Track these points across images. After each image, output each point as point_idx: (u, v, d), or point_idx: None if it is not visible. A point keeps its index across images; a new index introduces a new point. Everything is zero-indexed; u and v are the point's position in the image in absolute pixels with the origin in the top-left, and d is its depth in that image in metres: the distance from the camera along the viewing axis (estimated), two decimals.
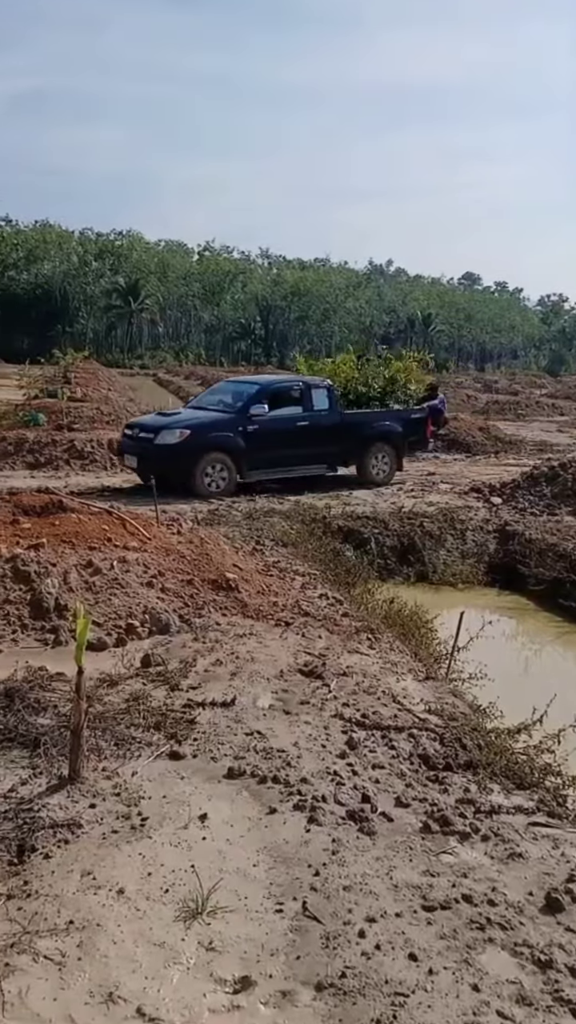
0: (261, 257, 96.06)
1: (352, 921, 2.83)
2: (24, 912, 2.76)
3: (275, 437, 12.58)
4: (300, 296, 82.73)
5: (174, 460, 11.70)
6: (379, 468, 13.87)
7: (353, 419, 13.83)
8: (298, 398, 13.18)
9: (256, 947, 2.68)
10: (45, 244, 75.27)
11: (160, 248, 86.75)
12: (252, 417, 12.48)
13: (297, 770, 3.89)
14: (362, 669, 5.33)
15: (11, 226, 76.26)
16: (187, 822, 3.40)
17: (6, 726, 4.16)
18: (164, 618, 5.99)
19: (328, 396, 13.39)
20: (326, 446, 13.21)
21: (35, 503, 7.41)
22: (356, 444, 13.53)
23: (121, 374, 40.98)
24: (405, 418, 14.46)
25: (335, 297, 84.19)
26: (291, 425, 12.87)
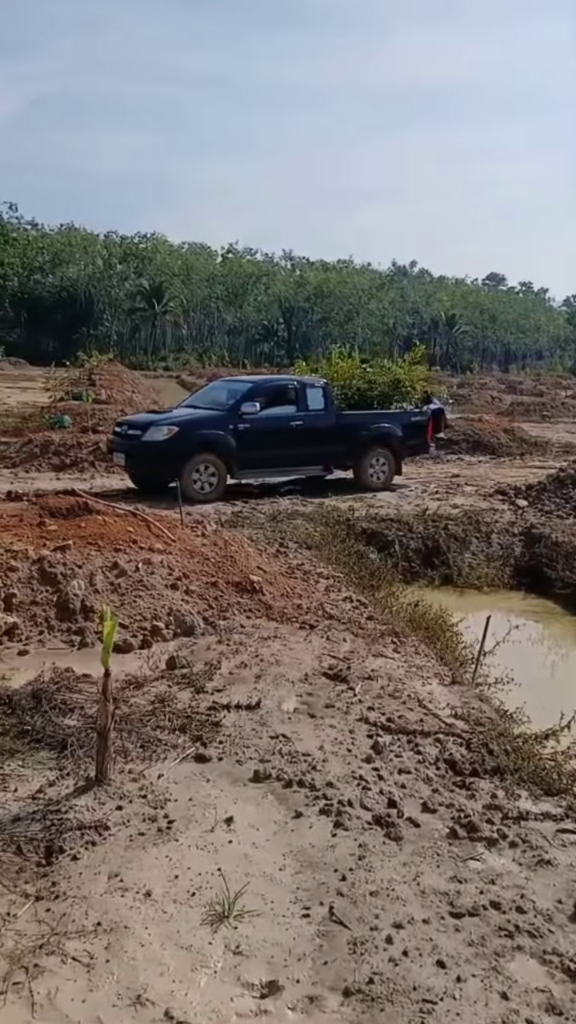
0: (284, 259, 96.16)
1: (379, 927, 2.82)
2: (52, 913, 2.78)
3: (267, 437, 12.18)
4: (323, 297, 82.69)
5: (162, 458, 11.36)
6: (376, 472, 13.41)
7: (349, 420, 13.40)
8: (292, 398, 12.84)
9: (283, 951, 2.68)
10: (70, 247, 75.89)
11: (184, 251, 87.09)
12: (243, 415, 12.09)
13: (323, 774, 3.89)
14: (387, 673, 5.31)
15: (37, 229, 76.94)
16: (213, 825, 3.41)
17: (34, 727, 4.18)
18: (189, 620, 6.01)
19: (324, 396, 13.03)
20: (321, 447, 12.87)
21: (61, 505, 7.45)
22: (352, 446, 13.13)
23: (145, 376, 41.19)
24: (405, 421, 13.97)
25: (358, 298, 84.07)
26: (284, 425, 12.49)
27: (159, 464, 11.39)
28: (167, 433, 11.56)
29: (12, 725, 4.20)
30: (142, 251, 79.83)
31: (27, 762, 3.85)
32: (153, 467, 11.42)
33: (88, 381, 25.18)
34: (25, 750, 3.96)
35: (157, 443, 11.45)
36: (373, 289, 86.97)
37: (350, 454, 13.20)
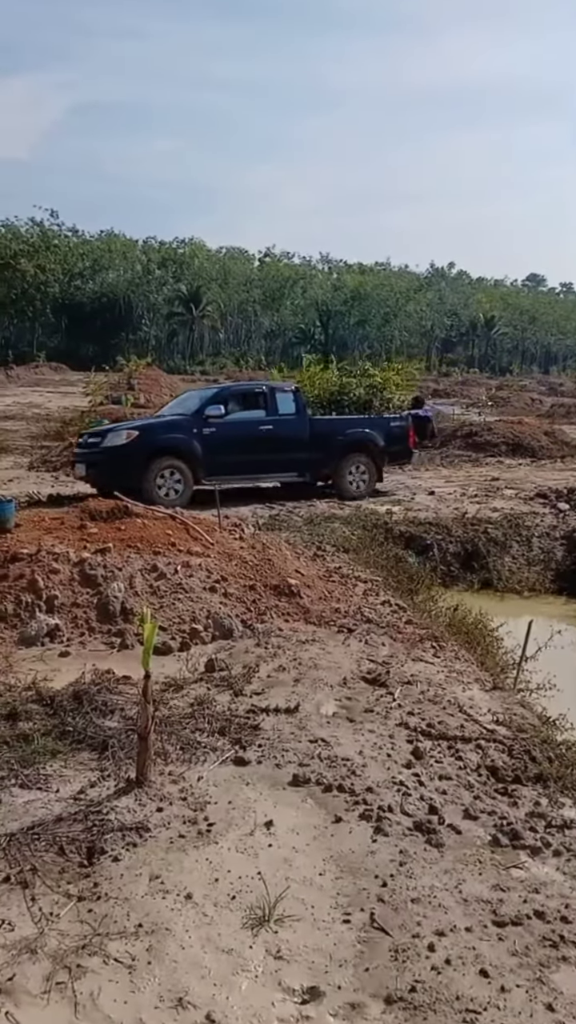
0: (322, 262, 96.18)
1: (421, 934, 2.79)
2: (94, 914, 2.79)
3: (235, 442, 11.85)
4: (360, 300, 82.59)
5: (123, 464, 10.95)
6: (356, 480, 12.89)
7: (323, 425, 13.05)
8: (261, 402, 12.53)
9: (324, 957, 2.67)
10: (110, 253, 76.83)
11: (221, 255, 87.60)
12: (208, 419, 11.79)
13: (362, 779, 3.86)
14: (427, 678, 5.27)
15: (77, 236, 77.94)
16: (253, 829, 3.40)
17: (75, 728, 4.22)
18: (227, 623, 6.03)
19: (295, 400, 12.66)
20: (293, 453, 12.37)
21: (102, 508, 7.53)
22: (328, 452, 12.61)
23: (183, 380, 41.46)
24: (384, 426, 13.44)
25: (395, 301, 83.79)
26: (253, 429, 12.13)
27: (120, 469, 10.88)
28: (127, 437, 11.28)
29: (54, 726, 4.25)
30: (180, 256, 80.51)
31: (69, 763, 3.89)
32: (114, 473, 10.80)
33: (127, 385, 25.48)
34: (67, 751, 4.00)
35: (116, 448, 11.14)
36: (411, 291, 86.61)
37: (326, 461, 12.69)
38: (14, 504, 7.29)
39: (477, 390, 41.96)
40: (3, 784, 3.64)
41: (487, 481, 14.56)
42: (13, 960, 2.56)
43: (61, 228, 74.96)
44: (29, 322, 71.74)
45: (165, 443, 11.47)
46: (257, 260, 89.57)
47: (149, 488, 10.86)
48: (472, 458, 17.57)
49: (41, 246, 69.24)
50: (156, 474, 11.15)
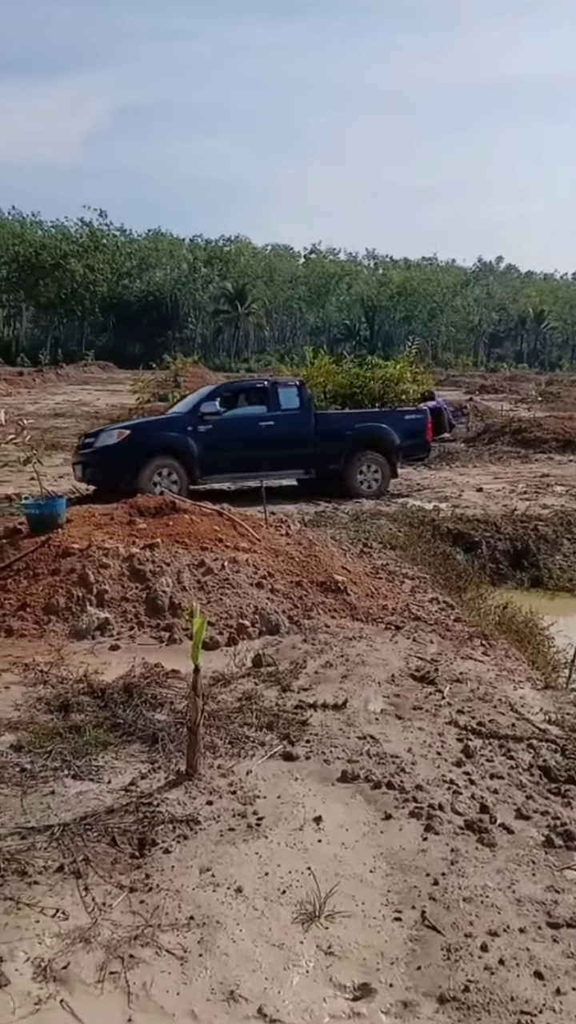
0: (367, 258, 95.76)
1: (474, 934, 2.76)
2: (146, 905, 2.81)
3: (233, 439, 11.45)
4: (406, 296, 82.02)
5: (116, 463, 10.69)
6: (367, 478, 12.30)
7: (331, 421, 12.44)
8: (262, 397, 12.12)
9: (375, 954, 2.65)
10: (157, 252, 77.54)
11: (267, 252, 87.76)
12: (204, 416, 11.41)
13: (412, 776, 3.83)
14: (476, 676, 5.21)
15: (125, 235, 78.78)
16: (302, 824, 3.40)
17: (126, 721, 4.27)
18: (274, 619, 6.03)
19: (299, 395, 12.16)
20: (297, 449, 11.82)
21: (150, 504, 7.60)
22: (335, 449, 12.03)
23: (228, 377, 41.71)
24: (397, 419, 12.80)
25: (442, 296, 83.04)
26: (253, 425, 11.72)
27: (113, 469, 10.68)
28: (118, 437, 10.98)
29: (105, 718, 4.30)
30: (226, 254, 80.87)
31: (120, 754, 3.93)
32: (108, 473, 10.64)
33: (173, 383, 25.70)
34: (118, 743, 4.04)
35: (108, 448, 10.85)
36: (457, 286, 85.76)
37: (333, 457, 12.06)
38: (65, 500, 7.40)
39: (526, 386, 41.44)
40: (56, 774, 3.69)
41: (537, 478, 14.34)
42: (67, 949, 2.59)
43: (109, 228, 75.94)
44: (78, 321, 72.82)
45: (158, 442, 11.14)
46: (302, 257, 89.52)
47: (143, 488, 10.40)
48: (521, 454, 17.32)
49: (90, 246, 70.20)
50: (151, 473, 10.82)
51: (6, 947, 2.58)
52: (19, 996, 2.40)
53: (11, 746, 3.97)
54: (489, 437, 19.38)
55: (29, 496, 7.36)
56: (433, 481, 14.15)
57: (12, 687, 4.78)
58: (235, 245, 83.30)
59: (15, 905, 2.78)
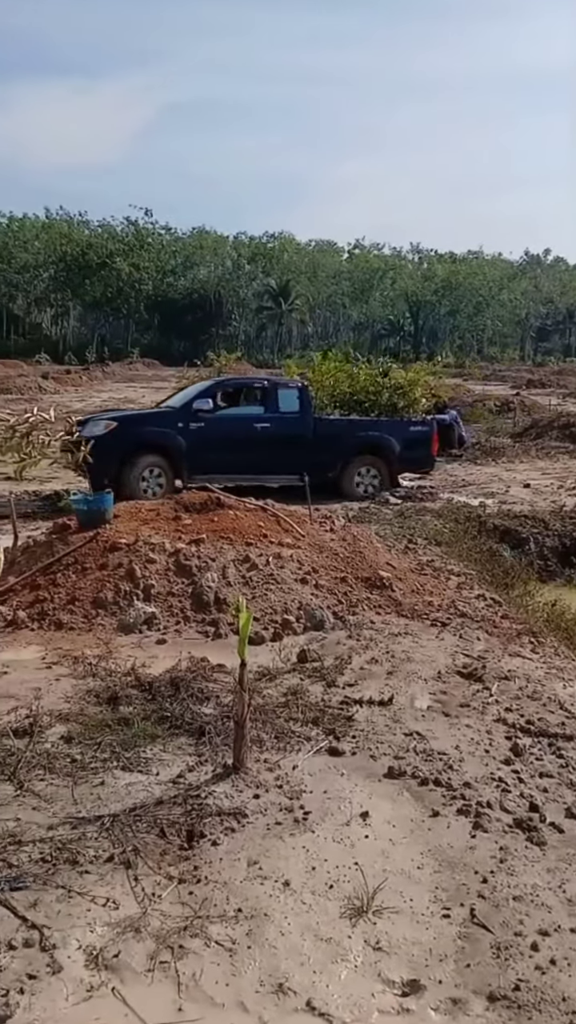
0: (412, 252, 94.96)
1: (524, 933, 2.73)
2: (195, 897, 2.84)
3: (225, 439, 11.11)
4: (452, 290, 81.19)
5: (100, 456, 9.82)
6: (365, 484, 11.96)
7: (331, 426, 12.09)
8: (260, 398, 11.83)
9: (424, 951, 2.63)
10: (201, 250, 77.96)
11: (311, 248, 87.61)
12: (197, 413, 11.10)
13: (459, 774, 3.80)
14: (525, 673, 5.14)
15: (170, 233, 79.35)
16: (349, 819, 3.39)
17: (173, 714, 4.31)
18: (319, 614, 6.03)
19: (300, 398, 11.81)
20: (294, 453, 11.35)
21: (195, 500, 7.64)
22: (333, 455, 11.71)
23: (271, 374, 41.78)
24: (401, 429, 12.45)
25: (488, 290, 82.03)
26: (247, 426, 11.38)
27: (99, 462, 9.76)
28: (105, 428, 10.49)
29: (153, 711, 4.34)
30: (269, 250, 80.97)
31: (167, 747, 3.97)
32: (95, 464, 9.75)
33: None
34: (165, 735, 4.08)
35: (96, 438, 10.08)
36: (504, 280, 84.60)
37: (331, 464, 11.69)
38: (112, 496, 7.49)
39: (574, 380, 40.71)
40: (106, 766, 3.75)
41: None
42: (118, 938, 2.63)
43: (155, 226, 76.57)
44: (124, 319, 73.63)
45: (146, 436, 10.71)
46: (346, 252, 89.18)
47: (129, 484, 10.22)
48: (569, 450, 17.05)
49: (136, 245, 70.91)
50: (139, 470, 10.56)
51: (59, 935, 2.63)
52: (72, 983, 2.45)
53: (62, 737, 4.04)
54: (536, 432, 19.11)
55: (77, 492, 7.45)
56: (479, 477, 14.02)
57: (62, 679, 4.86)
58: (279, 241, 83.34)
59: (67, 893, 2.83)
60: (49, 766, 3.73)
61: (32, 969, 2.49)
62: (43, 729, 4.09)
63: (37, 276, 69.99)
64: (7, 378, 33.28)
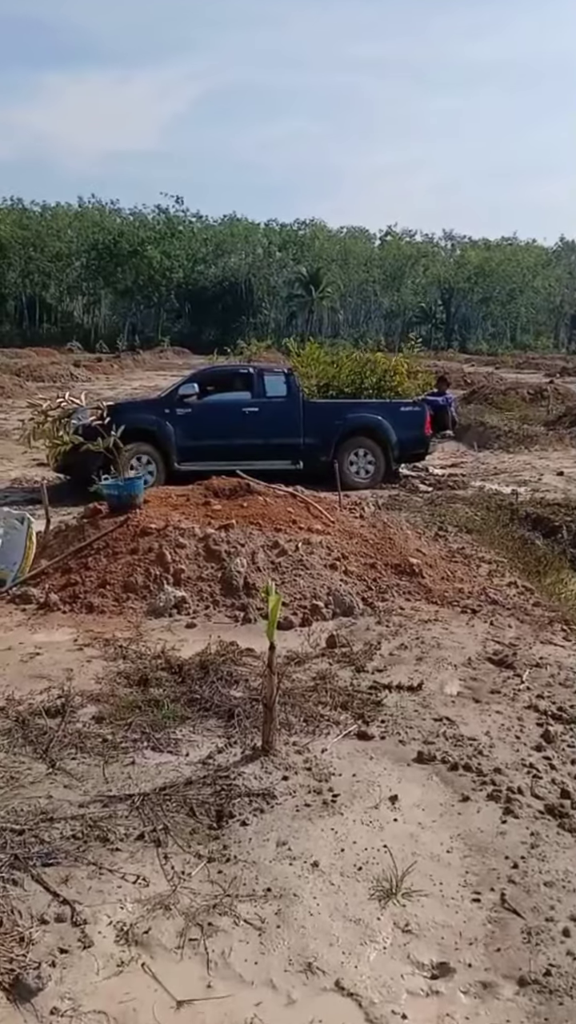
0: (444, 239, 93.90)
1: (555, 919, 2.70)
2: (224, 876, 2.85)
3: (214, 424, 11.12)
4: (485, 277, 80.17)
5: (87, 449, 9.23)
6: (360, 466, 11.83)
7: (321, 409, 11.96)
8: (247, 383, 11.73)
9: (453, 935, 2.62)
10: (232, 238, 77.76)
11: (342, 235, 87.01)
12: (183, 399, 11.10)
13: (490, 760, 3.77)
14: (557, 661, 5.09)
15: (201, 221, 79.31)
16: (377, 802, 3.39)
17: (202, 696, 4.33)
18: (348, 600, 6.01)
19: (287, 382, 11.78)
20: (284, 438, 11.40)
21: (225, 486, 7.66)
22: (325, 438, 11.53)
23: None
24: (391, 410, 12.18)
25: (522, 277, 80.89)
26: (235, 411, 11.34)
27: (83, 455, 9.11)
28: (91, 416, 9.87)
29: (183, 693, 4.37)
30: (301, 238, 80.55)
31: (197, 728, 3.99)
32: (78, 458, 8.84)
33: None
34: (195, 717, 4.10)
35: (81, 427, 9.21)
36: (538, 266, 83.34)
37: (323, 448, 11.49)
38: (143, 481, 7.53)
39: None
40: (136, 746, 3.78)
41: None
42: (148, 915, 2.65)
43: (186, 214, 76.55)
44: (154, 308, 73.76)
45: (133, 426, 9.75)
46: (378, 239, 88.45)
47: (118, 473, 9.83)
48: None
49: (167, 233, 70.93)
50: (128, 458, 10.04)
51: (90, 911, 2.65)
52: (103, 958, 2.47)
53: (93, 717, 4.08)
54: (570, 420, 18.81)
55: (108, 477, 7.50)
56: (511, 465, 13.86)
57: (93, 661, 4.90)
58: (310, 229, 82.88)
59: (98, 870, 2.85)
60: (81, 745, 3.77)
61: (64, 943, 2.52)
62: (75, 709, 4.14)
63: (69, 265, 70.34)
64: (40, 366, 33.56)
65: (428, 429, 12.57)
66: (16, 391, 24.49)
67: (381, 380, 13.71)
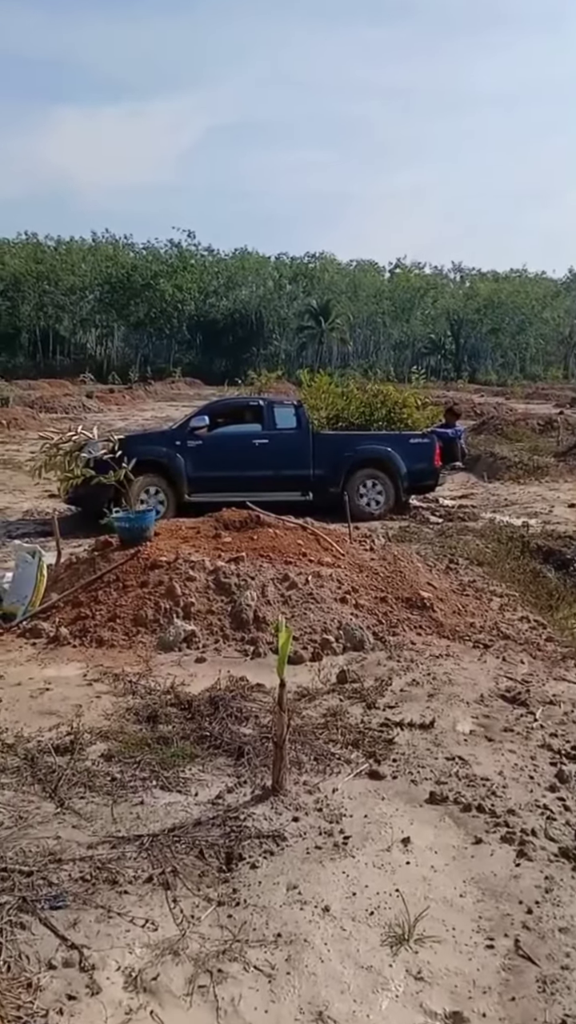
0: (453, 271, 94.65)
1: (571, 966, 2.65)
2: (234, 920, 2.81)
3: (225, 456, 11.24)
4: (494, 308, 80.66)
5: None
6: (370, 498, 11.85)
7: (331, 441, 12.08)
8: (257, 416, 11.88)
9: (467, 982, 2.57)
10: (243, 271, 78.66)
11: (351, 268, 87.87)
12: (194, 431, 11.27)
13: (503, 800, 3.73)
14: (571, 698, 5.04)
15: (212, 255, 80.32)
16: (390, 844, 3.34)
17: (212, 733, 4.30)
18: (358, 634, 5.99)
19: (296, 415, 11.96)
20: (294, 469, 11.54)
21: (235, 518, 7.67)
22: (334, 470, 11.63)
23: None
24: (401, 442, 12.33)
25: (531, 308, 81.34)
26: (245, 443, 11.47)
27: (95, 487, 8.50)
28: (102, 449, 9.69)
29: (192, 730, 4.34)
30: (311, 270, 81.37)
31: (206, 767, 3.96)
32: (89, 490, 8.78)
33: None
34: (205, 755, 4.07)
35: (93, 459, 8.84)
36: (547, 297, 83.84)
37: (332, 479, 11.60)
38: (153, 514, 7.55)
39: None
40: (145, 785, 3.75)
41: None
42: (157, 960, 2.61)
43: (197, 248, 77.55)
44: (166, 339, 74.47)
45: (143, 455, 9.97)
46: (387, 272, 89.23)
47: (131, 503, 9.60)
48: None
49: (179, 266, 71.84)
50: (138, 490, 10.30)
51: (98, 955, 2.62)
52: (111, 1005, 2.43)
53: (102, 755, 4.05)
54: None
55: (119, 510, 7.53)
56: (521, 496, 13.84)
57: (103, 696, 4.88)
58: (320, 262, 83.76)
59: (106, 914, 2.82)
60: (89, 784, 3.75)
61: (71, 990, 2.48)
62: (84, 747, 4.12)
63: (83, 298, 71.24)
64: (53, 397, 33.86)
65: (438, 461, 12.62)
66: (29, 422, 24.70)
67: (391, 412, 13.84)
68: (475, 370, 74.38)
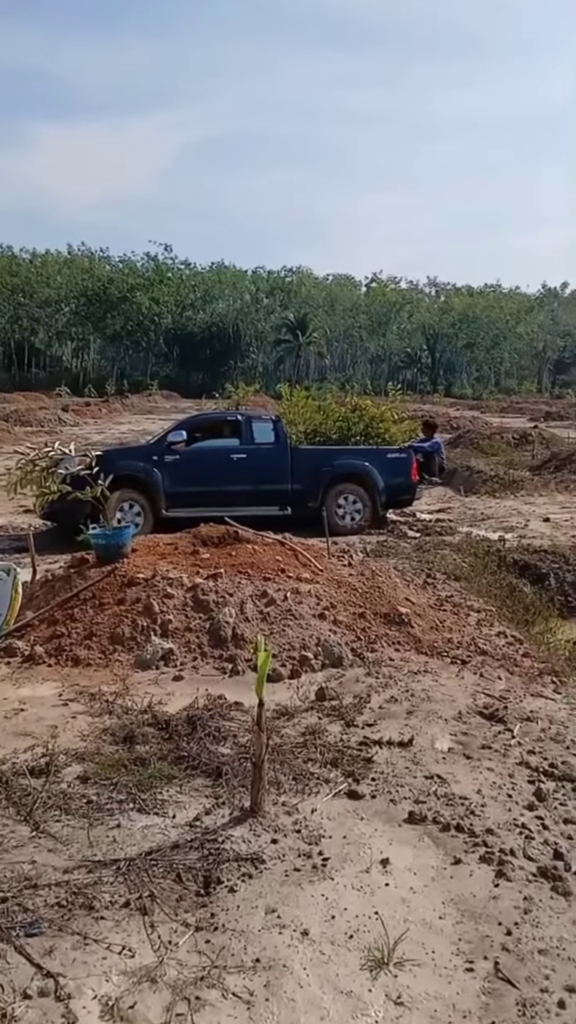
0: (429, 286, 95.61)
1: (550, 989, 2.65)
2: (212, 945, 2.78)
3: (202, 471, 11.26)
4: (469, 323, 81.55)
5: None
6: (348, 512, 11.90)
7: (308, 456, 12.13)
8: (235, 431, 11.91)
9: (447, 1006, 2.56)
10: (220, 284, 78.93)
11: (328, 282, 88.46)
12: (171, 446, 11.28)
13: (482, 819, 3.73)
14: (548, 715, 5.06)
15: (189, 269, 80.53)
16: (369, 866, 3.33)
17: (189, 754, 4.27)
18: (337, 651, 5.98)
19: (274, 429, 11.97)
20: (272, 484, 11.58)
21: (213, 534, 7.65)
22: (312, 485, 11.68)
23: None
24: (379, 457, 12.40)
25: (505, 323, 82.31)
26: (223, 458, 11.48)
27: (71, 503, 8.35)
28: (78, 464, 9.43)
29: (170, 750, 4.31)
30: (288, 284, 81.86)
31: (184, 788, 3.92)
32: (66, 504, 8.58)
33: None
34: (182, 776, 4.04)
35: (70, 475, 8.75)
36: (521, 312, 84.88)
37: (311, 494, 11.65)
38: (131, 530, 7.51)
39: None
40: (122, 807, 3.71)
41: None
42: (134, 988, 2.58)
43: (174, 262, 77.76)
44: (143, 352, 74.49)
45: (120, 470, 9.99)
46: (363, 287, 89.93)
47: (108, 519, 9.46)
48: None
49: (156, 280, 71.94)
50: (115, 505, 10.35)
51: (74, 983, 2.58)
52: None
53: (78, 777, 4.01)
54: (555, 465, 19.00)
55: (96, 526, 7.48)
56: (498, 510, 13.93)
57: (79, 717, 4.83)
58: (297, 276, 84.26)
59: (83, 940, 2.78)
60: (65, 807, 3.70)
61: (47, 1020, 2.44)
62: (59, 768, 4.07)
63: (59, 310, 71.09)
64: (28, 411, 33.67)
65: (415, 475, 12.69)
66: (4, 436, 24.52)
67: (368, 427, 13.94)
68: (451, 384, 75.08)
